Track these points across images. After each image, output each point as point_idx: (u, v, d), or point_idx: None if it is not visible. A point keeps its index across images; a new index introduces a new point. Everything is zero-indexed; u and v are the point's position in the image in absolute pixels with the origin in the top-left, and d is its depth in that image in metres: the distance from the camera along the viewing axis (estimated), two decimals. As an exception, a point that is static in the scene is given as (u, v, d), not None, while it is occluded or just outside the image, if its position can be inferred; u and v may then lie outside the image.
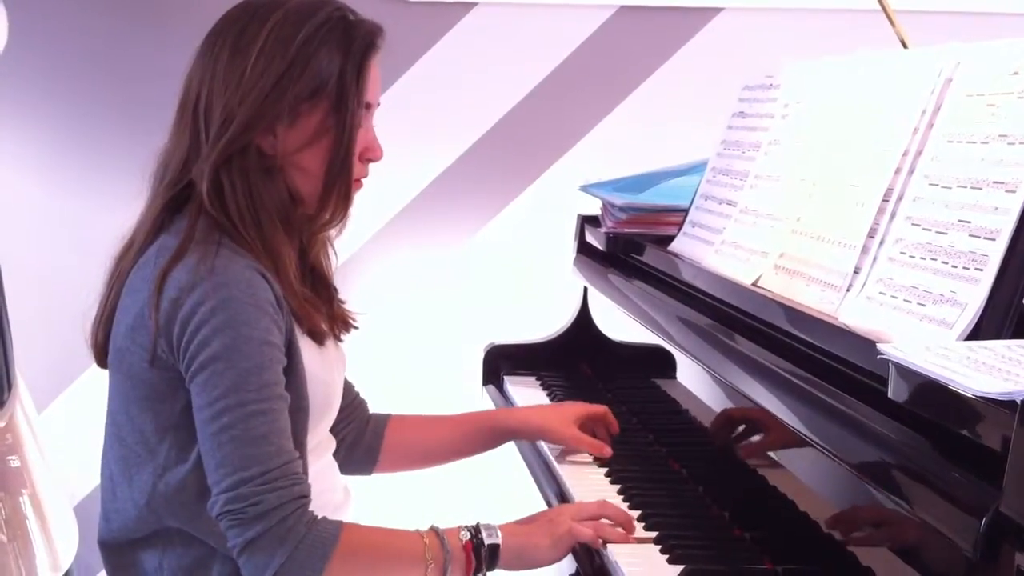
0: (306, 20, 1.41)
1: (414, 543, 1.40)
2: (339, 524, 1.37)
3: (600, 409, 1.81)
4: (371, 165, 1.52)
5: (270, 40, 1.40)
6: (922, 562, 1.04)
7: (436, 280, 2.81)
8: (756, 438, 1.51)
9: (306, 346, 1.45)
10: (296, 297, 1.43)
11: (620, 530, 1.47)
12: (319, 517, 1.36)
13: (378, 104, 1.50)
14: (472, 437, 1.76)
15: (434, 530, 1.42)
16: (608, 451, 1.74)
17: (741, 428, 1.55)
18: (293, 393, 1.39)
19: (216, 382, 1.32)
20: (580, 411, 1.80)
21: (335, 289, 1.58)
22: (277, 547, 1.31)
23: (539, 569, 1.49)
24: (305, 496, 1.35)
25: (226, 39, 1.42)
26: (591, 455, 1.77)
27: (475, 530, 1.43)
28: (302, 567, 1.32)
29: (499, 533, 1.43)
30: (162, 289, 1.35)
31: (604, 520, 1.49)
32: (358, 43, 1.44)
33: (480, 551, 1.41)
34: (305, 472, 1.39)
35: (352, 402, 1.73)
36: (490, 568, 1.43)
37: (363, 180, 1.51)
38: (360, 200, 1.52)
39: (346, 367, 1.60)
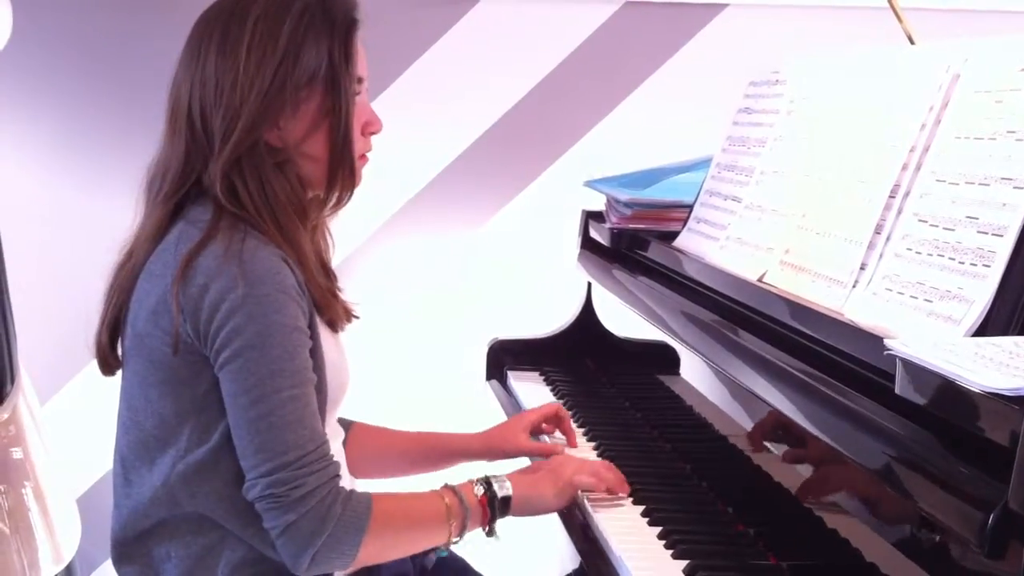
0: (287, 10, 1.42)
1: (436, 505, 1.47)
2: (369, 497, 1.42)
3: (551, 408, 1.82)
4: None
5: (256, 35, 1.41)
6: (928, 558, 1.04)
7: (440, 275, 2.81)
8: (762, 435, 1.51)
9: (323, 333, 1.47)
10: (318, 287, 1.46)
11: (616, 477, 1.56)
12: (350, 491, 1.40)
13: (367, 76, 1.51)
14: (423, 455, 1.78)
15: (451, 488, 1.49)
16: (560, 449, 1.75)
17: (753, 428, 1.55)
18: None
19: (251, 369, 1.34)
20: (530, 418, 1.81)
21: (335, 276, 1.59)
22: (319, 526, 1.35)
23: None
24: (338, 475, 1.40)
25: (209, 42, 1.42)
26: (594, 450, 1.78)
27: (487, 483, 1.50)
28: (340, 542, 1.37)
29: (509, 484, 1.50)
30: (187, 275, 1.36)
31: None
32: (340, 21, 1.45)
33: (494, 503, 1.48)
34: None
35: None
36: (501, 516, 1.50)
37: (368, 155, 1.53)
38: (364, 193, 1.53)
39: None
